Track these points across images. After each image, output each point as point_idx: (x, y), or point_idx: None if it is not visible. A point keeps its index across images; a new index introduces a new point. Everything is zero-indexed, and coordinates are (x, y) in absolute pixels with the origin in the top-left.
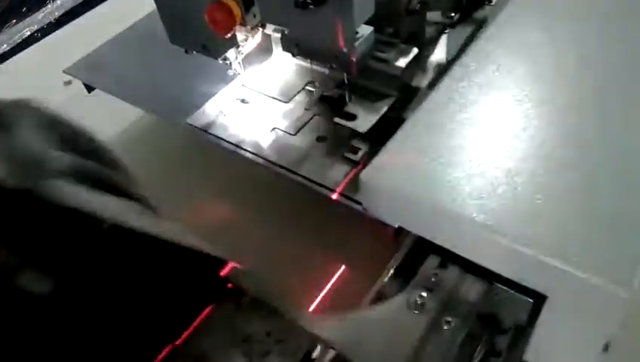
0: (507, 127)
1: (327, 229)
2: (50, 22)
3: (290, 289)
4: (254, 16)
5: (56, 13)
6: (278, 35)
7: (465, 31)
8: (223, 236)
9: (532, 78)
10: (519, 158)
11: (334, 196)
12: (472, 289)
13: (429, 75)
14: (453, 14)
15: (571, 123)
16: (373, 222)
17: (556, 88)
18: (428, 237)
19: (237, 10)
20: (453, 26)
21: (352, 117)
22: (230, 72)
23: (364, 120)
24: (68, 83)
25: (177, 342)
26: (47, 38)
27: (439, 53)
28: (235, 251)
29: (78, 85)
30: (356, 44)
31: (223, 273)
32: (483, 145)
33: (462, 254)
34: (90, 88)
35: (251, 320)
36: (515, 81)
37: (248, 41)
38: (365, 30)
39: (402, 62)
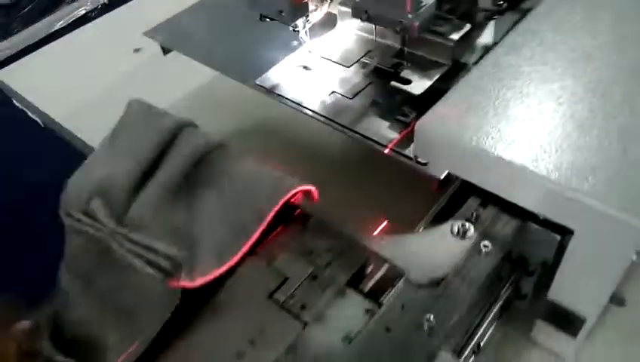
0: (545, 94)
1: (372, 189)
2: (103, 3)
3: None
4: None
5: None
6: (343, 9)
7: (512, 19)
8: None
9: (573, 55)
10: (555, 116)
11: (386, 151)
12: (507, 225)
13: (477, 55)
14: (502, 2)
15: (602, 92)
16: (417, 180)
17: (593, 65)
18: (471, 179)
19: None
20: (501, 13)
21: (407, 82)
22: (295, 43)
23: (418, 84)
24: (137, 50)
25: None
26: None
27: (487, 37)
28: None
29: (146, 53)
30: (421, 10)
31: (293, 200)
32: (523, 106)
33: (500, 194)
34: (166, 51)
35: (314, 239)
36: (555, 57)
37: (317, 11)
38: (428, 0)
39: (456, 35)
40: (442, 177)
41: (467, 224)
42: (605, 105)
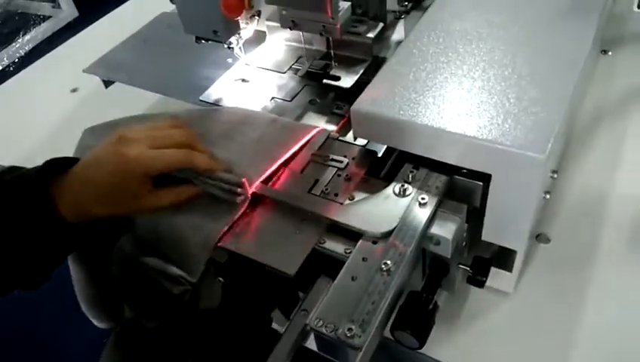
0: (451, 70)
1: None
2: (20, 55)
3: None
4: (252, 6)
5: (26, 47)
6: (271, 24)
7: (417, 17)
8: None
9: (470, 37)
10: (461, 86)
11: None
12: (437, 180)
13: (392, 50)
14: (407, 3)
15: (496, 62)
16: None
17: (486, 42)
18: (403, 147)
19: None
20: (408, 12)
21: (337, 78)
22: (229, 60)
23: (347, 79)
24: (74, 90)
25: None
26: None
27: (398, 34)
28: None
29: (83, 91)
30: (339, 13)
31: None
32: (435, 81)
33: (428, 155)
34: (107, 84)
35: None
36: (455, 39)
37: (247, 28)
38: (344, 4)
39: (372, 33)
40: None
41: (405, 185)
42: (499, 72)
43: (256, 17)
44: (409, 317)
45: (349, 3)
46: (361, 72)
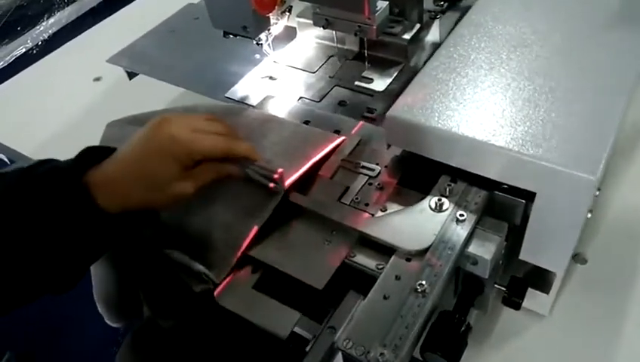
0: (494, 77)
1: None
2: (44, 39)
3: None
4: (284, 2)
5: (50, 31)
6: (302, 20)
7: (453, 17)
8: None
9: (514, 42)
10: (505, 95)
11: None
12: (477, 196)
13: (426, 52)
14: (442, 2)
15: (542, 71)
16: None
17: (531, 49)
18: (440, 159)
19: None
20: (443, 12)
21: (370, 80)
22: (257, 56)
23: (380, 82)
24: (97, 79)
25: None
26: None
27: (433, 35)
28: None
29: (106, 81)
30: (377, 14)
31: None
32: (477, 89)
33: (467, 169)
34: (131, 75)
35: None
36: (498, 44)
37: (277, 24)
38: (382, 4)
39: (408, 35)
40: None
41: (442, 198)
42: (545, 83)
43: (287, 13)
44: (441, 338)
45: (386, 3)
46: (395, 74)
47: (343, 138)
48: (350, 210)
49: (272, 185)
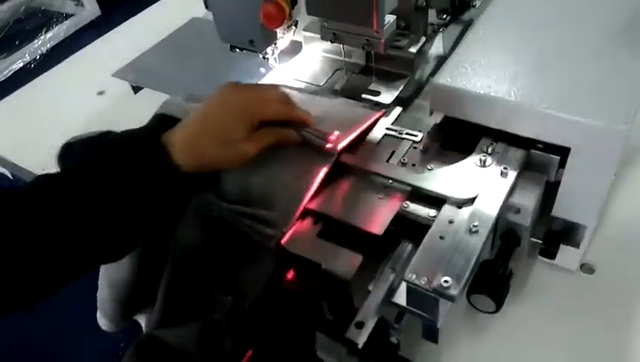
0: (524, 44)
1: None
2: (42, 53)
3: None
4: (291, 16)
5: (48, 45)
6: (308, 34)
7: (455, 30)
8: None
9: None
10: (536, 64)
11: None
12: (516, 153)
13: (431, 64)
14: (445, 16)
15: (566, 48)
16: None
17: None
18: (484, 122)
19: (287, 7)
20: (446, 25)
21: (377, 93)
22: (262, 70)
23: (387, 95)
24: (100, 93)
25: None
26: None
27: (437, 47)
28: None
29: (110, 94)
30: (384, 27)
31: None
32: (509, 55)
33: (508, 130)
34: (136, 89)
35: None
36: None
37: (284, 38)
38: (390, 18)
39: (414, 48)
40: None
41: (485, 156)
42: (574, 45)
43: (294, 27)
44: (486, 281)
45: (394, 17)
46: (402, 87)
47: (383, 111)
48: (399, 168)
49: (328, 145)
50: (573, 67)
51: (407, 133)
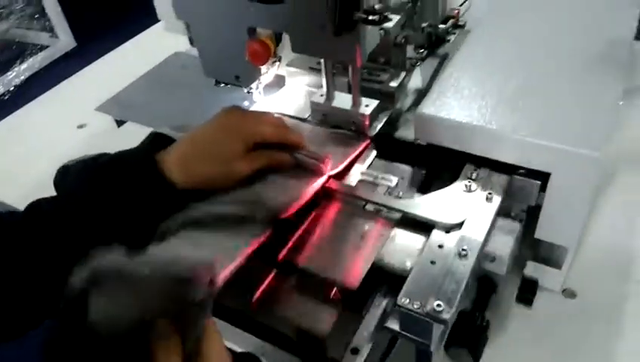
0: (502, 73)
1: None
2: (16, 84)
3: None
4: (276, 54)
5: (22, 77)
6: (292, 69)
7: (433, 63)
8: None
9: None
10: (515, 93)
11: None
12: (499, 179)
13: (411, 97)
14: (422, 50)
15: (544, 72)
16: None
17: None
18: (463, 149)
19: (272, 45)
20: (423, 59)
21: None
22: (246, 103)
23: (370, 128)
24: (80, 127)
25: None
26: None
27: (415, 81)
28: None
29: (91, 128)
30: (368, 110)
31: None
32: (491, 90)
33: (491, 157)
34: (119, 123)
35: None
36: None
37: (268, 73)
38: (372, 102)
39: (395, 82)
40: None
41: (470, 182)
42: (546, 84)
43: (278, 62)
44: (464, 334)
45: (377, 101)
46: (385, 119)
47: (368, 141)
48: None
49: (320, 165)
50: (550, 95)
51: (382, 178)
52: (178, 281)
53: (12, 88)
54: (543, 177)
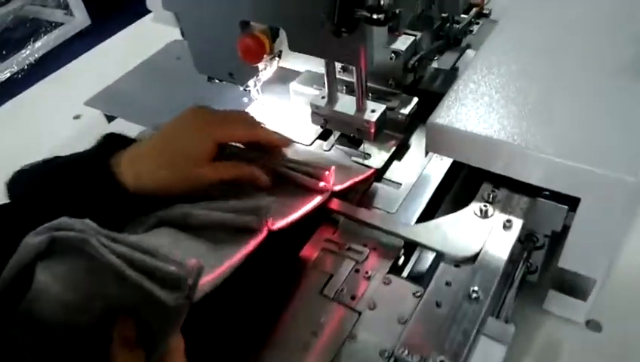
0: (527, 82)
1: None
2: (30, 63)
3: None
4: (273, 50)
5: (36, 55)
6: (298, 89)
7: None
8: None
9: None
10: (540, 104)
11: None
12: (520, 202)
13: None
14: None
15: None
16: None
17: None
18: (484, 166)
19: (266, 41)
20: (441, 53)
21: (367, 156)
22: (245, 100)
23: (378, 158)
24: (76, 118)
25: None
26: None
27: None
28: None
29: (85, 120)
30: (374, 116)
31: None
32: (511, 94)
33: (511, 176)
34: (110, 119)
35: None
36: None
37: (266, 70)
38: (379, 107)
39: (406, 109)
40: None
41: (487, 205)
42: (576, 93)
43: (277, 58)
44: None
45: (384, 106)
46: (393, 150)
47: (374, 170)
48: (333, 305)
49: (320, 184)
50: (583, 106)
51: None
52: (158, 275)
53: (26, 66)
54: (571, 201)
